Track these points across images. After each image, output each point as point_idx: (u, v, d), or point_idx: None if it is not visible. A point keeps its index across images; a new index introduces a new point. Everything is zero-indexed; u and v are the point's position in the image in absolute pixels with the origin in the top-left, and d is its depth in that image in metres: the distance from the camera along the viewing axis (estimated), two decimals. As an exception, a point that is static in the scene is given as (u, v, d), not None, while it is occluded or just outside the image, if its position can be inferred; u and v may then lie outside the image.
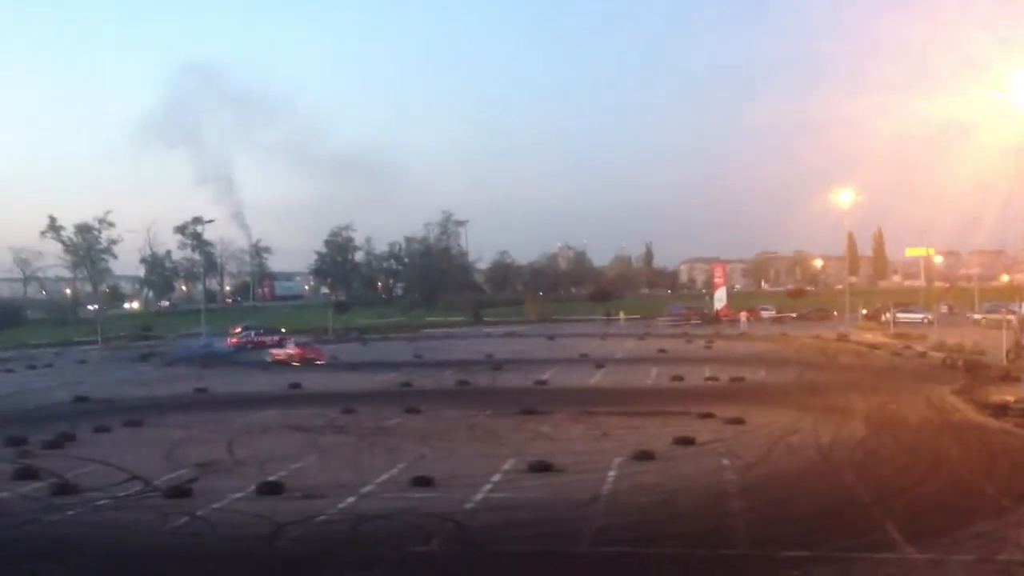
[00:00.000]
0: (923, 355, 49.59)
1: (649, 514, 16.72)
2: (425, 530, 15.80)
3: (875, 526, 15.42)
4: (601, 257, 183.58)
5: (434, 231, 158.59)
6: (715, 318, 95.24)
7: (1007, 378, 35.34)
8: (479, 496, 18.45)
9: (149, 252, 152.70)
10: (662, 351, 56.68)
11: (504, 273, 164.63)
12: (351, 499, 18.40)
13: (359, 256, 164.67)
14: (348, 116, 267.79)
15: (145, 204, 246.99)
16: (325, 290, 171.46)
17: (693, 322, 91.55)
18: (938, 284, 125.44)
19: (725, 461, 21.35)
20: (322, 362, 55.30)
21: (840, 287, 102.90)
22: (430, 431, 27.04)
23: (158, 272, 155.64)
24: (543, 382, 40.54)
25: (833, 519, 15.99)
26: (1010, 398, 29.31)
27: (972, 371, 39.29)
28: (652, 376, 42.18)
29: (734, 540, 14.85)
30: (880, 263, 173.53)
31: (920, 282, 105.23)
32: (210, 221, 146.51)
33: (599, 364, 48.26)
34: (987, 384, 34.57)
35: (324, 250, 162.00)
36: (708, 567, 13.40)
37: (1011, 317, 49.16)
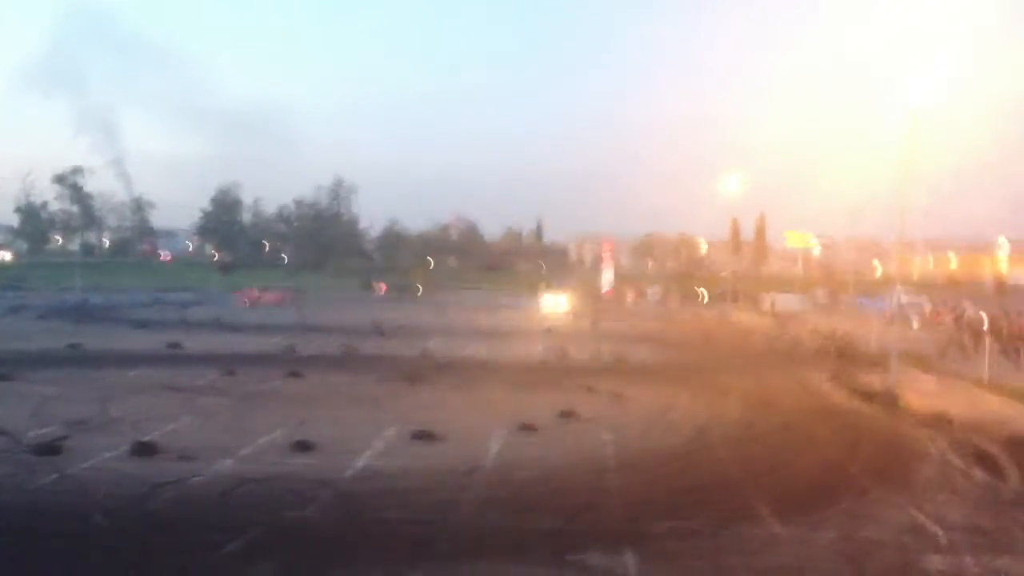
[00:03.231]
0: (798, 340, 51.16)
1: (528, 487, 16.89)
2: (302, 495, 15.67)
3: (745, 502, 15.91)
4: (491, 230, 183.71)
5: (325, 195, 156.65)
6: (603, 296, 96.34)
7: (876, 364, 36.74)
8: (360, 463, 18.37)
9: (25, 201, 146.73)
10: (549, 329, 57.15)
11: (394, 242, 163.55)
12: (228, 462, 18.11)
13: (246, 217, 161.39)
14: (240, 72, 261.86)
15: (23, 151, 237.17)
16: (211, 250, 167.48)
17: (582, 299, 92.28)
18: (815, 271, 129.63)
19: (606, 436, 21.70)
20: None
21: (724, 274, 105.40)
22: (313, 396, 26.77)
23: (33, 223, 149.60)
24: (430, 351, 40.49)
25: (705, 494, 16.45)
26: (877, 384, 30.50)
27: (844, 357, 40.75)
28: (538, 350, 42.52)
29: (609, 514, 15.14)
30: (762, 249, 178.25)
31: (799, 269, 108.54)
32: (91, 172, 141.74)
33: (486, 336, 48.40)
34: (857, 369, 35.91)
35: (210, 208, 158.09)
36: (581, 540, 13.62)
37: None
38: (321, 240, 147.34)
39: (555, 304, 74.41)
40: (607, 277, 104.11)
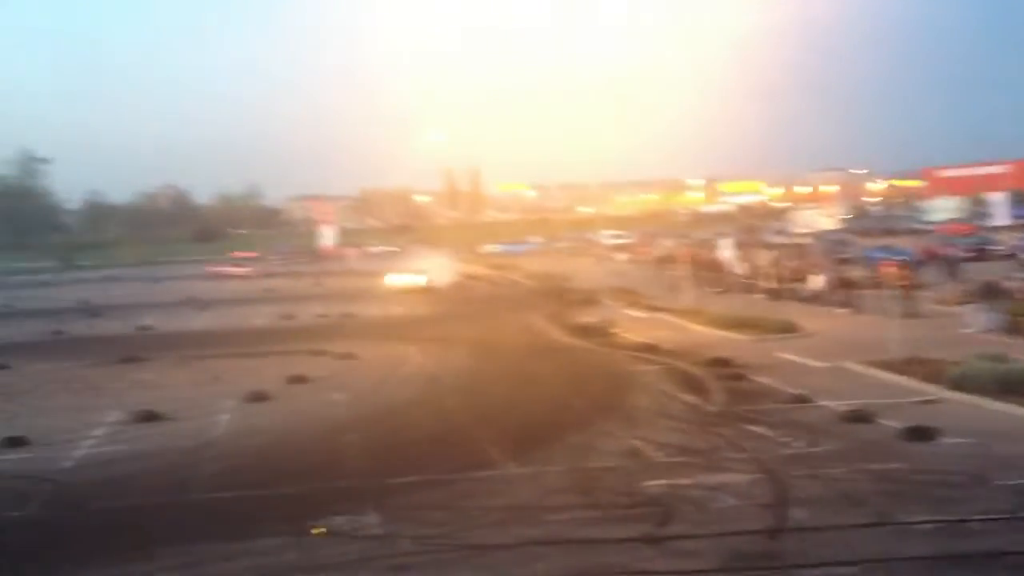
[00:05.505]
0: (516, 283, 53.01)
1: (262, 455, 16.66)
2: (19, 493, 14.70)
3: (479, 446, 16.42)
4: (204, 196, 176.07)
5: (12, 170, 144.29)
6: (322, 255, 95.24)
7: (589, 302, 38.71)
8: (80, 453, 17.40)
9: None
10: (270, 291, 56.03)
11: (97, 214, 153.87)
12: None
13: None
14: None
15: None
16: None
17: (301, 260, 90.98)
18: (530, 217, 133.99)
19: (337, 396, 21.68)
20: None
21: (443, 222, 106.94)
22: (20, 387, 24.98)
23: None
24: (146, 327, 38.69)
25: (442, 443, 16.82)
26: (592, 320, 32.19)
27: (559, 296, 42.62)
28: (262, 316, 41.67)
29: (349, 473, 15.19)
30: (477, 198, 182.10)
31: (513, 215, 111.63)
32: None
33: (205, 306, 46.83)
34: (572, 308, 37.68)
35: None
36: (323, 502, 13.60)
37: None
38: (12, 218, 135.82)
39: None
40: (326, 235, 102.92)
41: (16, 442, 18.02)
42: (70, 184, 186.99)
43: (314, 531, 12.29)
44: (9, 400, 23.14)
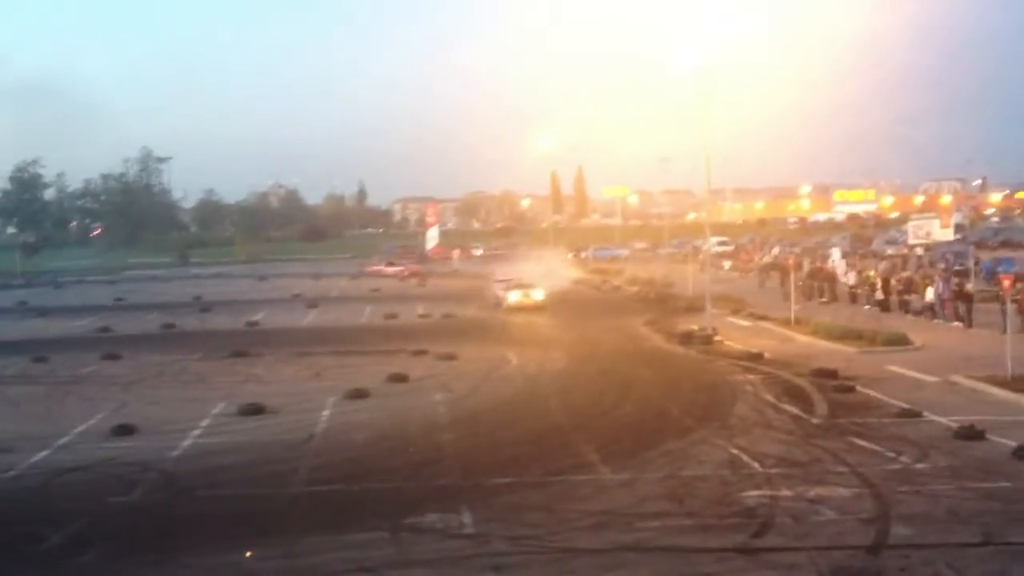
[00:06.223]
0: (618, 289, 52.69)
1: (363, 451, 16.90)
2: (127, 480, 15.20)
3: (575, 450, 16.38)
4: (313, 196, 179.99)
5: (134, 168, 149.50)
6: (428, 257, 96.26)
7: (692, 308, 38.20)
8: (187, 442, 17.90)
9: None
10: (376, 290, 56.82)
11: (212, 212, 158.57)
12: (45, 452, 17.31)
13: (49, 194, 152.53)
14: (32, 39, 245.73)
15: None
16: (12, 230, 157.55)
17: (407, 261, 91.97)
18: (633, 222, 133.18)
19: (437, 396, 21.87)
20: None
21: (545, 225, 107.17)
22: (133, 378, 25.84)
23: None
24: (254, 323, 39.66)
25: (538, 445, 16.83)
26: (694, 327, 31.77)
27: (661, 303, 42.22)
28: (366, 315, 42.32)
29: (445, 471, 15.32)
30: (581, 202, 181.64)
31: (617, 220, 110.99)
32: None
33: (312, 304, 47.76)
34: (674, 315, 37.27)
35: (9, 187, 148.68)
36: (419, 499, 13.73)
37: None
38: (132, 214, 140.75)
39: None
40: (432, 236, 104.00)
41: (125, 430, 18.66)
42: (187, 182, 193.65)
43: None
44: (120, 390, 23.94)
